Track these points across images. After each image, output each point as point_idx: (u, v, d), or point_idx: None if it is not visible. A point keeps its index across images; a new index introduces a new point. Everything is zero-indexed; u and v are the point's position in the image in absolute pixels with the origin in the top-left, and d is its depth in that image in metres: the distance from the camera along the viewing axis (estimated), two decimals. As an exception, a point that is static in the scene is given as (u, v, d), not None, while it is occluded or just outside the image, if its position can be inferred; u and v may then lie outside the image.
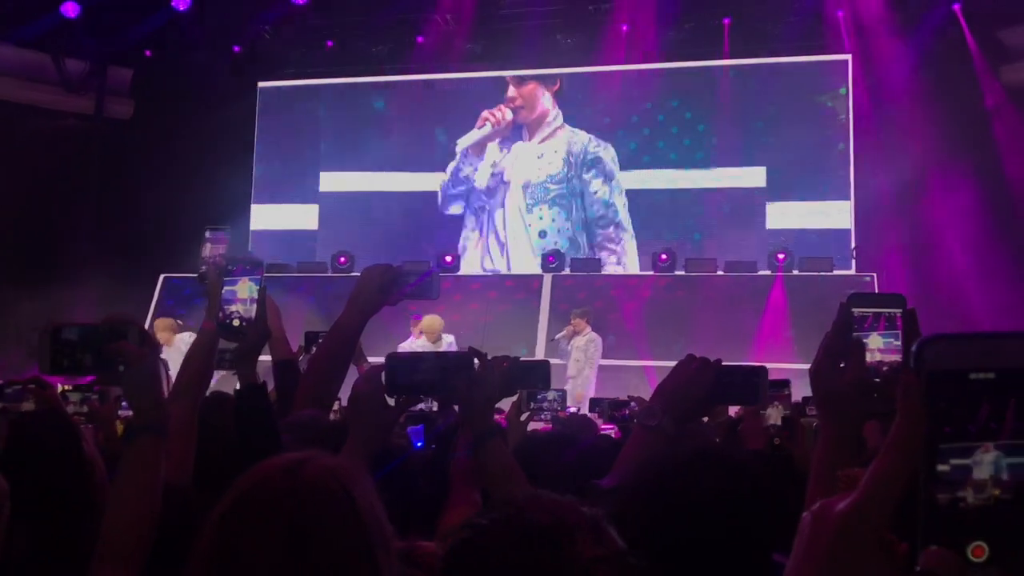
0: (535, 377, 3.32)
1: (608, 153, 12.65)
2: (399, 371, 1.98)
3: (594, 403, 6.01)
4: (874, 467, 0.86)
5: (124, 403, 3.89)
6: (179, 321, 9.78)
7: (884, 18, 11.37)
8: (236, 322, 2.49)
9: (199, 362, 2.37)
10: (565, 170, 12.77)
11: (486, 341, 10.99)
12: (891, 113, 11.37)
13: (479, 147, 12.99)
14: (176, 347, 8.41)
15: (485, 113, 12.92)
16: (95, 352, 1.75)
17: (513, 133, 12.98)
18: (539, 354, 10.60)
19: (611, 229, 12.59)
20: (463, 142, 12.94)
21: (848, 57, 11.89)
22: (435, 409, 3.42)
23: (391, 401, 2.01)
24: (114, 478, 1.62)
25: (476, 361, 1.99)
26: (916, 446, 0.81)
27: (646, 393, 9.96)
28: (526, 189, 12.84)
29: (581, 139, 12.75)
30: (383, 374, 1.96)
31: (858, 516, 0.85)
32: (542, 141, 12.87)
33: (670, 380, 1.91)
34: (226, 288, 2.54)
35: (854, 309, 1.45)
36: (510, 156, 12.93)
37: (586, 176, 12.73)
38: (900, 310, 1.46)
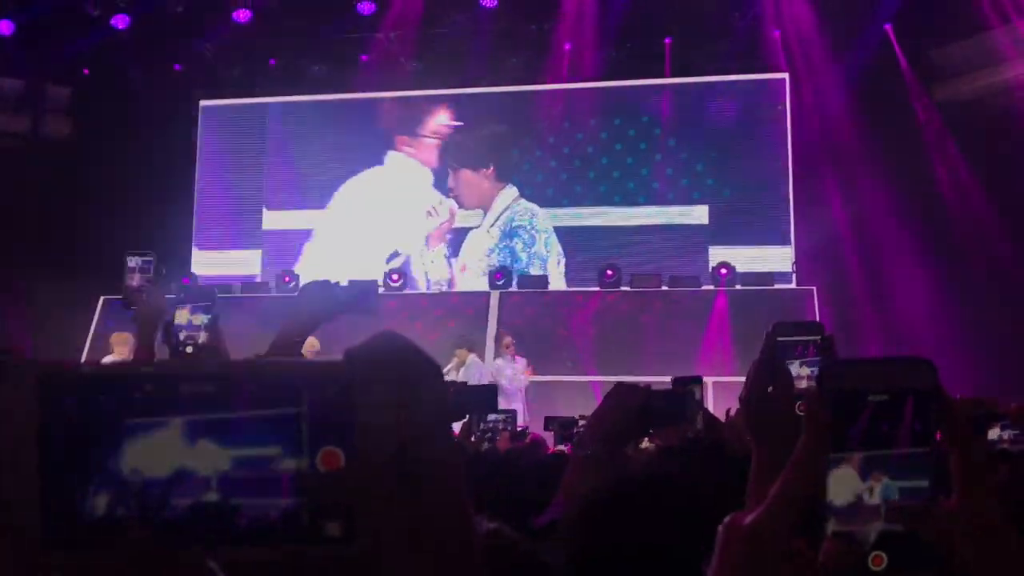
0: (482, 401, 3.34)
1: (528, 218, 12.76)
2: None
3: (549, 421, 6.05)
4: (779, 481, 0.91)
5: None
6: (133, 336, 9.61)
7: (818, 37, 11.68)
8: (189, 349, 2.49)
9: None
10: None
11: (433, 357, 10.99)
12: (828, 130, 11.67)
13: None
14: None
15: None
16: None
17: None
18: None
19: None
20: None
21: (785, 76, 12.17)
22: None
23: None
24: None
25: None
26: (819, 462, 0.88)
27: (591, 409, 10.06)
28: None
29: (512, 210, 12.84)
30: None
31: (763, 528, 0.89)
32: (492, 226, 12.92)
33: (600, 408, 1.96)
34: (178, 315, 2.53)
35: (779, 337, 1.52)
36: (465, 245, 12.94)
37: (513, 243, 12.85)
38: (819, 337, 1.54)
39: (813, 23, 11.64)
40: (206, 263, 13.10)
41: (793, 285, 11.53)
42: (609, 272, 11.67)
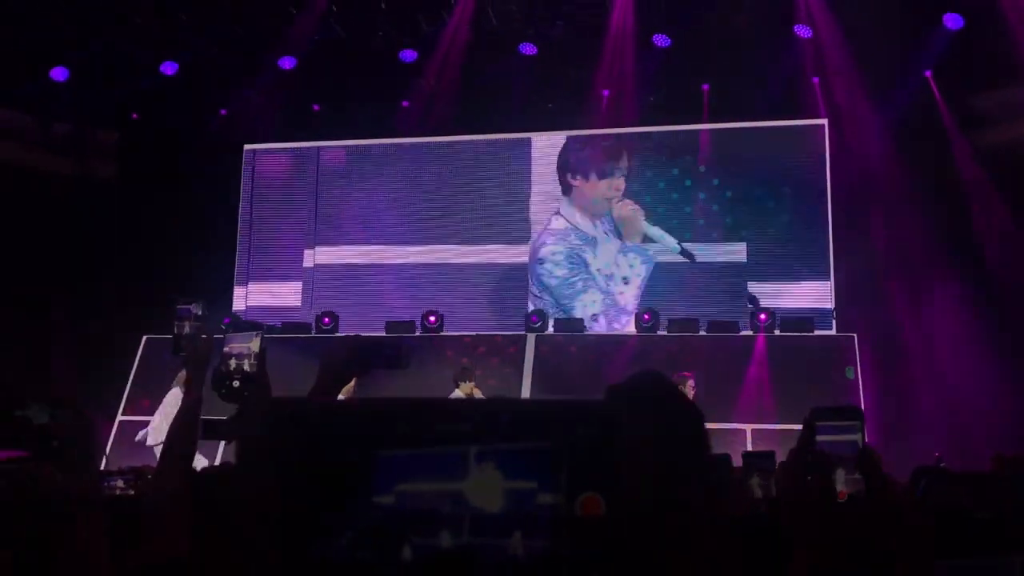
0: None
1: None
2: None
3: None
4: None
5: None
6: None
7: (857, 84, 11.67)
8: (236, 383, 2.52)
9: (185, 433, 2.41)
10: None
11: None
12: (868, 175, 11.63)
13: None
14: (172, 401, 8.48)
15: None
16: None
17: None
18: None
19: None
20: None
21: (824, 122, 12.17)
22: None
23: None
24: None
25: None
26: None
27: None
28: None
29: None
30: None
31: None
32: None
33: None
34: (226, 347, 2.58)
35: (817, 423, 1.51)
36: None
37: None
38: (858, 422, 1.52)
39: (852, 69, 11.65)
40: (249, 299, 13.28)
41: (833, 331, 11.43)
42: (646, 316, 11.65)
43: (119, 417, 11.50)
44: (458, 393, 9.77)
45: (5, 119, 12.47)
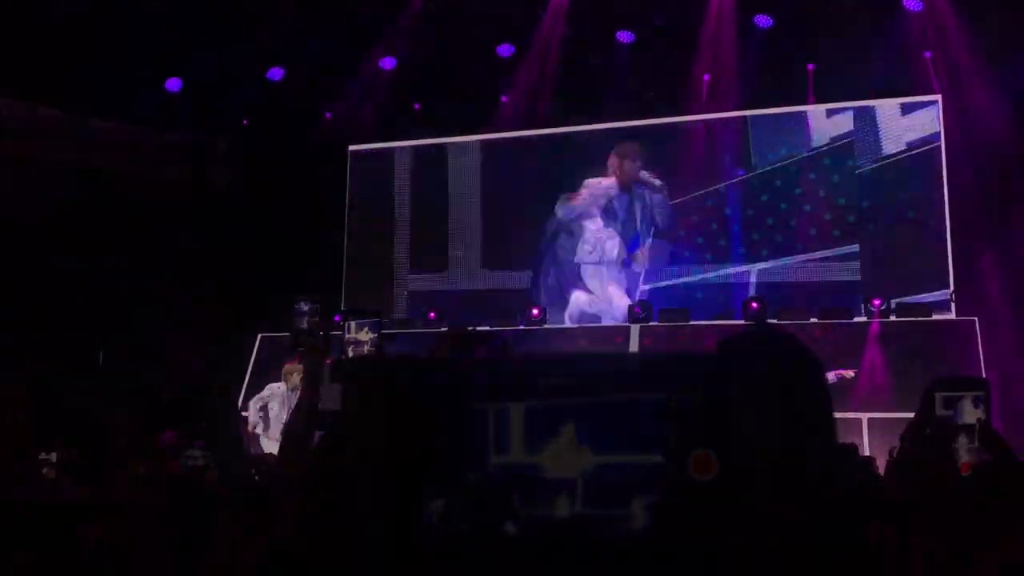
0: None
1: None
2: None
3: None
4: None
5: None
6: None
7: (972, 57, 11.17)
8: None
9: (304, 425, 2.48)
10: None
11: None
12: (985, 153, 11.12)
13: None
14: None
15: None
16: None
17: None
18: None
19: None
20: None
21: (938, 98, 11.69)
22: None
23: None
24: None
25: None
26: None
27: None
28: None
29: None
30: None
31: None
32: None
33: None
34: (348, 335, 2.67)
35: (937, 394, 1.46)
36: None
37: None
38: (983, 392, 1.46)
39: (966, 42, 11.16)
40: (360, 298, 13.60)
41: (953, 315, 10.98)
42: (754, 304, 11.41)
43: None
44: None
45: (123, 132, 13.03)
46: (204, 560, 1.66)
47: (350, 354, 2.64)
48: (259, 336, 12.42)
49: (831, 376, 9.74)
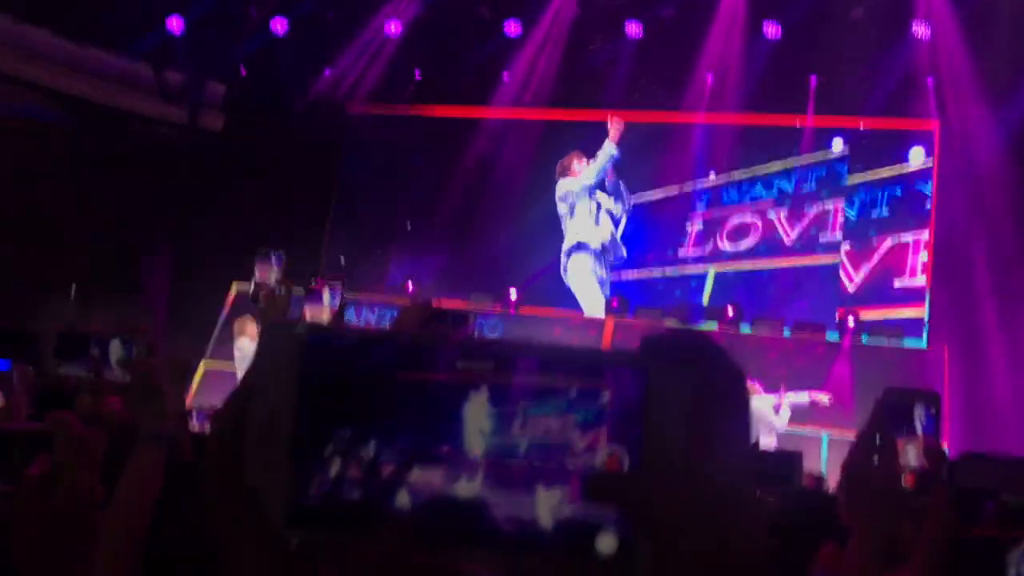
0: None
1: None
2: None
3: None
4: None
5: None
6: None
7: (973, 87, 11.18)
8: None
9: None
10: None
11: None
12: (976, 186, 11.15)
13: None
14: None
15: None
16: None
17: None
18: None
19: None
20: None
21: (935, 125, 11.71)
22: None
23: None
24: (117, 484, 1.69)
25: None
26: (945, 557, 0.82)
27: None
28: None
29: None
30: None
31: None
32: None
33: None
34: (307, 302, 2.65)
35: (890, 404, 1.45)
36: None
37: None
38: (934, 404, 1.47)
39: (970, 71, 11.16)
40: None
41: (923, 340, 11.05)
42: (730, 310, 11.44)
43: (203, 363, 11.87)
44: None
45: (123, 68, 12.91)
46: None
47: (308, 318, 2.62)
48: (234, 284, 12.38)
49: (806, 398, 9.79)
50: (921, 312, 11.46)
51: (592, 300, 12.41)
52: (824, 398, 9.73)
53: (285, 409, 0.58)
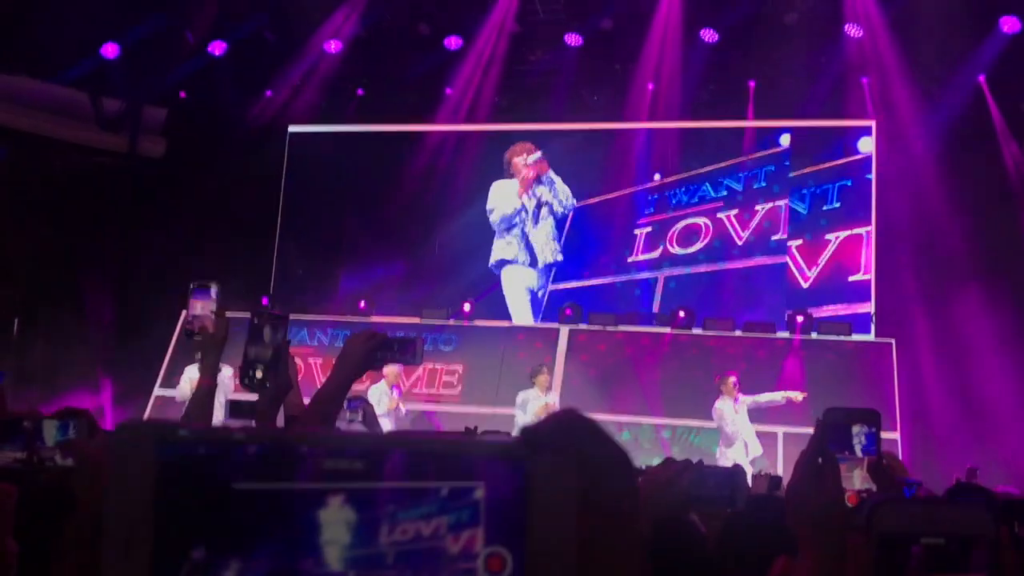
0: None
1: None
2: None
3: None
4: None
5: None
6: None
7: (907, 86, 11.47)
8: (259, 374, 2.57)
9: (199, 416, 2.46)
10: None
11: (501, 390, 11.06)
12: (915, 181, 11.42)
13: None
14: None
15: None
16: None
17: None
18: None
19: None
20: None
21: (872, 123, 11.98)
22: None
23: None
24: None
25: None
26: None
27: (654, 454, 9.94)
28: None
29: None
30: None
31: None
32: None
33: (646, 481, 1.91)
34: (249, 341, 2.61)
35: (829, 424, 1.46)
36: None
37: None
38: (875, 427, 1.48)
39: (903, 71, 11.45)
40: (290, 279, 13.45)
41: (871, 335, 11.27)
42: (681, 314, 11.57)
43: (155, 391, 11.69)
44: (535, 390, 9.93)
45: (58, 96, 12.68)
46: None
47: (251, 356, 2.59)
48: (183, 313, 12.19)
49: (780, 397, 9.91)
50: (869, 307, 11.69)
51: (519, 311, 12.65)
52: (798, 396, 9.86)
53: (139, 526, 0.54)
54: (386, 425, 10.17)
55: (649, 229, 12.83)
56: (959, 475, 7.18)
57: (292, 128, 13.84)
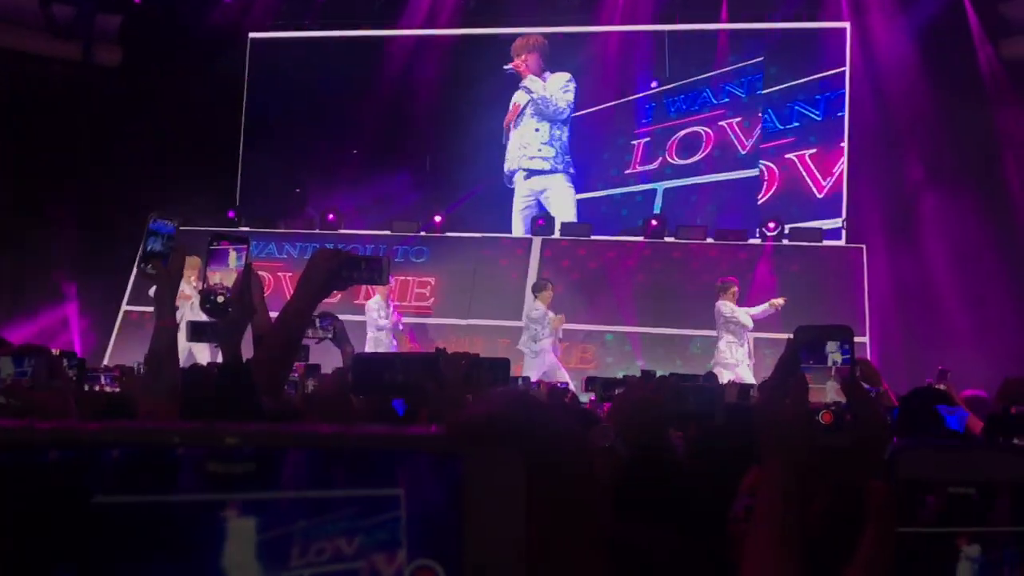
0: (496, 375, 3.13)
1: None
2: (365, 372, 1.97)
3: (590, 381, 5.87)
4: None
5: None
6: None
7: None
8: (220, 298, 2.47)
9: (164, 361, 2.36)
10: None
11: (473, 305, 11.03)
12: (888, 85, 11.31)
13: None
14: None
15: None
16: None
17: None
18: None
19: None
20: None
21: (847, 25, 11.78)
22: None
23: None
24: None
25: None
26: (890, 560, 0.77)
27: (626, 361, 10.00)
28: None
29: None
30: (350, 375, 1.96)
31: None
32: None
33: (623, 401, 1.88)
34: (211, 264, 2.50)
35: (800, 341, 1.44)
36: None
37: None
38: (848, 343, 1.45)
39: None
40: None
41: (843, 242, 11.30)
42: (654, 222, 11.52)
43: (124, 306, 11.54)
44: (538, 303, 9.89)
45: (5, 2, 12.15)
46: None
47: (211, 281, 2.46)
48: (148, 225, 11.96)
49: (761, 310, 9.81)
50: (840, 218, 11.66)
51: (515, 222, 12.55)
52: (779, 301, 9.85)
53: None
54: (383, 340, 10.15)
55: (648, 139, 12.55)
56: (930, 378, 7.27)
57: (252, 35, 13.39)
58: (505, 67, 12.59)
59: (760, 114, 12.10)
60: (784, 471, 1.27)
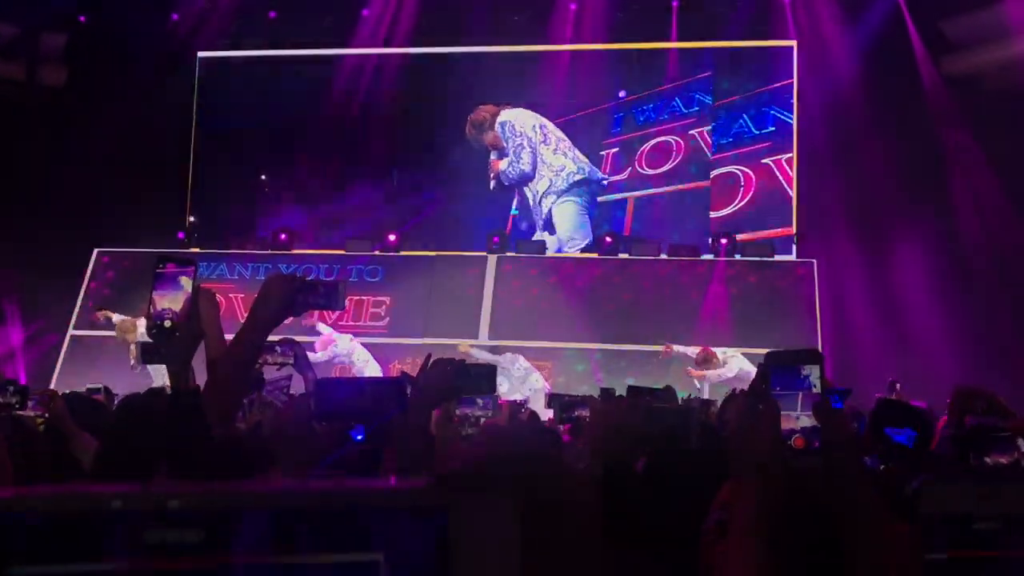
0: (481, 381, 3.08)
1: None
2: (329, 399, 1.92)
3: (552, 399, 5.80)
4: None
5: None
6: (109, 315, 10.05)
7: (827, 5, 11.47)
8: (168, 323, 2.40)
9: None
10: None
11: (429, 323, 10.96)
12: (835, 100, 11.49)
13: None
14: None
15: None
16: None
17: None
18: (482, 334, 10.65)
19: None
20: None
21: (794, 44, 11.98)
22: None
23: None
24: None
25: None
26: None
27: (585, 380, 9.99)
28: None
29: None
30: (311, 401, 1.92)
31: None
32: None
33: (601, 427, 1.87)
34: (157, 287, 2.42)
35: (773, 367, 1.43)
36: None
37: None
38: (818, 366, 1.45)
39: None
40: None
41: (794, 256, 11.43)
42: (608, 239, 11.56)
43: (70, 331, 11.30)
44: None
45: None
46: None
47: (158, 307, 2.33)
48: (94, 251, 11.76)
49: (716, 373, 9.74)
50: (791, 229, 11.82)
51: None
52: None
53: None
54: (370, 363, 10.00)
55: (616, 150, 12.64)
56: (880, 392, 7.36)
57: (201, 53, 13.25)
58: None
59: (709, 127, 12.26)
60: (758, 495, 1.27)
